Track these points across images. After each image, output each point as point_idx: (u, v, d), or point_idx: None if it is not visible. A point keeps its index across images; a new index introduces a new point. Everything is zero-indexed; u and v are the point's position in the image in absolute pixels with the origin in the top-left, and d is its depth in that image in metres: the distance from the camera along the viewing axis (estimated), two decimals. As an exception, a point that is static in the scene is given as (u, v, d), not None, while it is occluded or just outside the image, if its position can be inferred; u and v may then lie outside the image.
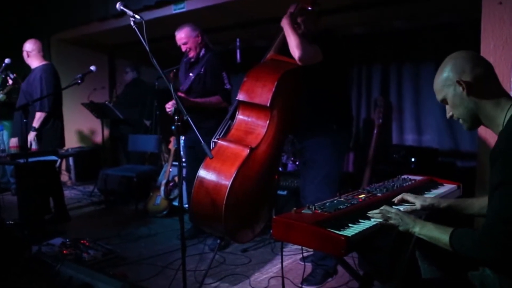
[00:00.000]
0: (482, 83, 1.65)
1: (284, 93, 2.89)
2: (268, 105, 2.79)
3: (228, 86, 3.78)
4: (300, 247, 3.60)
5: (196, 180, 2.85)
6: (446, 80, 1.69)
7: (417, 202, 1.99)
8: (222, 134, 3.07)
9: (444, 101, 1.74)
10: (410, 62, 4.99)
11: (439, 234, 1.61)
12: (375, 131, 4.51)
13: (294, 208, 1.83)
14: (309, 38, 2.91)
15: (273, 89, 2.79)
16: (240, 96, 2.90)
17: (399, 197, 2.03)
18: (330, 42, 2.98)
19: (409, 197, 2.02)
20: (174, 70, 4.06)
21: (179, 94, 3.71)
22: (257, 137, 2.84)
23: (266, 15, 4.52)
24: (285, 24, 2.85)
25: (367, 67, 5.29)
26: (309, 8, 2.98)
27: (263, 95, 2.82)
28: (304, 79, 2.99)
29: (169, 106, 3.63)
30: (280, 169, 4.45)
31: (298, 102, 3.06)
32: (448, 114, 1.75)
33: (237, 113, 2.97)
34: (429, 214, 2.00)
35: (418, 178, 2.51)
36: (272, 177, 3.08)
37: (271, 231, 1.84)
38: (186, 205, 4.32)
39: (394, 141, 5.06)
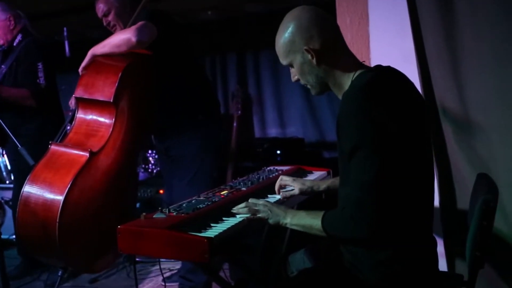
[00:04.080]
0: (331, 49, 1.69)
1: (132, 85, 2.79)
2: (111, 100, 2.68)
3: (42, 81, 3.48)
4: (164, 267, 3.58)
5: (20, 198, 2.55)
6: (291, 45, 1.69)
7: (296, 185, 2.05)
8: (59, 140, 2.86)
9: (289, 65, 1.76)
10: (268, 48, 5.08)
11: (311, 220, 1.63)
12: (235, 124, 4.55)
13: (144, 214, 1.74)
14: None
15: (117, 81, 2.68)
16: (78, 92, 2.75)
17: (277, 184, 2.09)
18: (160, 17, 2.91)
19: (287, 180, 2.07)
20: None
21: None
22: (100, 140, 2.70)
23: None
24: (96, 51, 2.76)
25: (221, 56, 5.31)
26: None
27: (106, 89, 2.70)
28: (156, 68, 2.93)
29: None
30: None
31: (152, 95, 2.98)
32: (294, 78, 1.78)
33: (76, 113, 2.80)
34: (301, 202, 2.05)
35: (285, 168, 2.58)
36: (126, 188, 2.94)
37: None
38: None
39: (256, 135, 5.13)
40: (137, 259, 3.69)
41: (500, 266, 2.33)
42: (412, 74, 1.79)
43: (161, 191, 4.16)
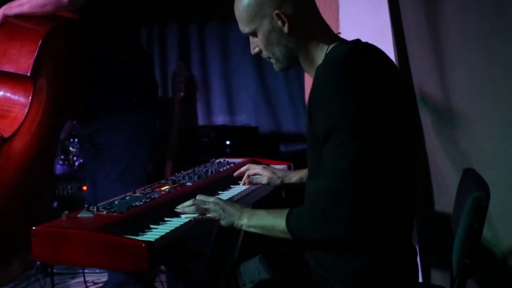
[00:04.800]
0: (305, 16, 1.68)
1: (54, 57, 2.72)
2: (28, 74, 2.59)
3: None
4: (88, 280, 3.45)
5: None
6: (259, 8, 1.67)
7: (265, 173, 2.10)
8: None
9: (252, 34, 1.73)
10: (216, 19, 5.04)
11: (273, 220, 1.60)
12: (176, 109, 4.48)
13: (66, 212, 1.68)
14: None
15: (36, 50, 2.59)
16: None
17: (244, 168, 2.16)
18: None
19: (255, 168, 2.12)
20: None
21: None
22: (13, 123, 2.61)
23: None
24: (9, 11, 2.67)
25: (159, 29, 5.20)
26: None
27: (21, 60, 2.62)
28: (84, 37, 2.87)
29: None
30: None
31: (78, 70, 2.90)
32: (254, 51, 1.77)
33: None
34: (256, 202, 2.08)
35: (238, 160, 2.58)
36: (42, 183, 2.90)
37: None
38: None
39: (200, 123, 5.10)
40: (54, 270, 3.58)
41: (482, 278, 2.37)
42: (387, 53, 1.81)
43: (85, 188, 4.06)
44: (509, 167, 2.28)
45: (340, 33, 1.77)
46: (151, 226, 1.64)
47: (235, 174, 2.21)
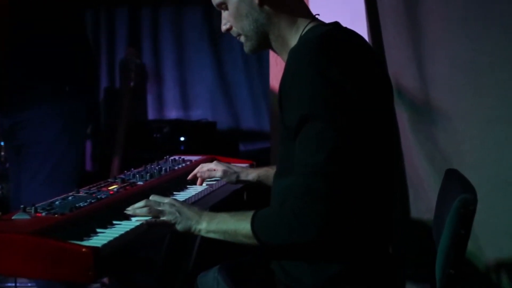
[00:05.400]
0: None
1: None
2: None
3: None
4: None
5: None
6: None
7: (219, 168, 2.11)
8: None
9: (221, 6, 1.73)
10: (170, 4, 5.01)
11: (236, 223, 1.58)
12: (125, 100, 4.43)
13: None
14: None
15: None
16: None
17: (195, 171, 2.15)
18: None
19: (209, 165, 2.13)
20: None
21: None
22: None
23: None
24: None
25: (107, 12, 5.14)
26: None
27: None
28: (12, 12, 2.77)
29: None
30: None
31: (3, 50, 2.80)
32: (224, 27, 1.76)
33: None
34: (214, 205, 2.07)
35: (195, 158, 2.57)
36: None
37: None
38: None
39: (150, 117, 5.07)
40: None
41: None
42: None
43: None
44: (493, 169, 2.30)
45: (319, 14, 1.74)
46: (98, 230, 1.60)
47: (188, 177, 2.18)
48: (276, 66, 2.99)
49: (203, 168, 2.16)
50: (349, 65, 1.52)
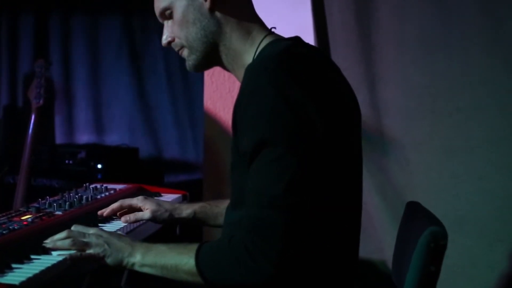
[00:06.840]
0: None
1: None
2: None
3: None
4: None
5: None
6: None
7: (147, 205, 2.03)
8: None
9: (165, 15, 1.73)
10: (83, 12, 4.95)
11: (177, 258, 1.55)
12: (33, 118, 4.31)
13: None
14: None
15: None
16: None
17: (115, 204, 2.06)
18: None
19: (134, 200, 2.06)
20: None
21: None
22: None
23: None
24: None
25: (9, 20, 5.02)
26: None
27: None
28: None
29: None
30: None
31: None
32: (166, 39, 1.76)
33: None
34: (150, 237, 2.08)
35: (119, 186, 2.60)
36: None
37: None
38: None
39: (58, 141, 4.97)
40: None
41: None
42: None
43: None
44: (451, 204, 2.33)
45: (275, 28, 1.74)
46: (13, 265, 1.55)
47: (104, 214, 2.08)
48: (212, 85, 2.98)
49: (125, 204, 2.08)
50: (313, 85, 1.52)
